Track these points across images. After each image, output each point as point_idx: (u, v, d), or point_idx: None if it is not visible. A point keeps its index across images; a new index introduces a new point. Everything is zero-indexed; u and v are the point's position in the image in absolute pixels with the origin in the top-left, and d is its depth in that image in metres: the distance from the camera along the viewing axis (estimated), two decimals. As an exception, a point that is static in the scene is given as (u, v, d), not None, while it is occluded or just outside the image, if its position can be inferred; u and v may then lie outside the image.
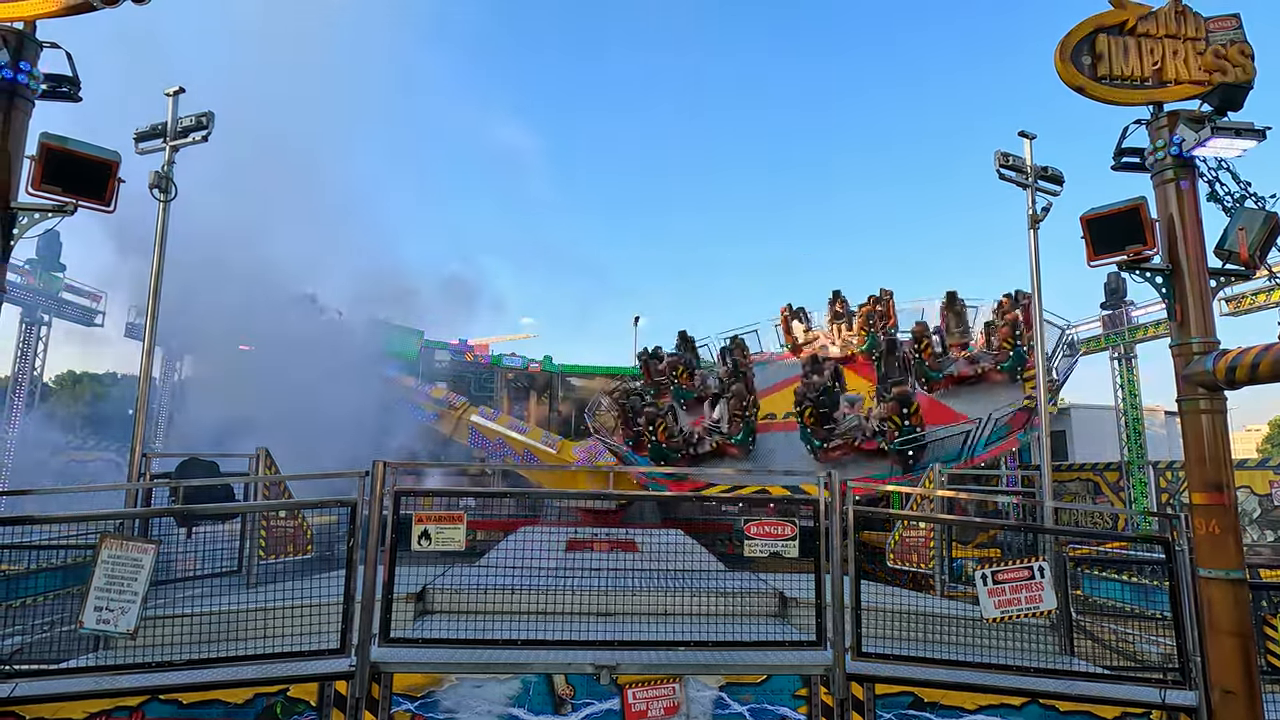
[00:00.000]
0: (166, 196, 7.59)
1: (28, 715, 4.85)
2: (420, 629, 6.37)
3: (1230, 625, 5.24)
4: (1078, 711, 5.38)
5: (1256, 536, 16.13)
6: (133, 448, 7.60)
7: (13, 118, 5.27)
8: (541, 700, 5.40)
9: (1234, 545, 5.35)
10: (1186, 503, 5.77)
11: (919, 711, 5.40)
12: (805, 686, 5.51)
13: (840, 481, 5.90)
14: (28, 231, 5.38)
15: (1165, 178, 5.81)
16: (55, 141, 5.40)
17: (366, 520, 5.51)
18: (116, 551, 5.09)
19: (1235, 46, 5.80)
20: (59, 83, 5.61)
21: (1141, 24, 5.94)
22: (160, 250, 7.67)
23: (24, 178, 5.35)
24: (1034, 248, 8.48)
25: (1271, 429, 50.16)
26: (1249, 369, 5.08)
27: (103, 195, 5.60)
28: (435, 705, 5.32)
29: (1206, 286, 5.68)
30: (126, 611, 5.03)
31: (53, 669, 5.41)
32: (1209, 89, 5.74)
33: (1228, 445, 5.51)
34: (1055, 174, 8.34)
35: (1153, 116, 5.92)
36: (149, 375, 7.98)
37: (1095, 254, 5.90)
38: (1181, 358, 5.63)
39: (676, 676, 5.50)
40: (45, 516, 5.80)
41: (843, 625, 5.54)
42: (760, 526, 6.10)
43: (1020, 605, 5.53)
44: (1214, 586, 5.32)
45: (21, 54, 5.26)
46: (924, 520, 8.69)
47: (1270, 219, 5.47)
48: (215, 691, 5.09)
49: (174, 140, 7.59)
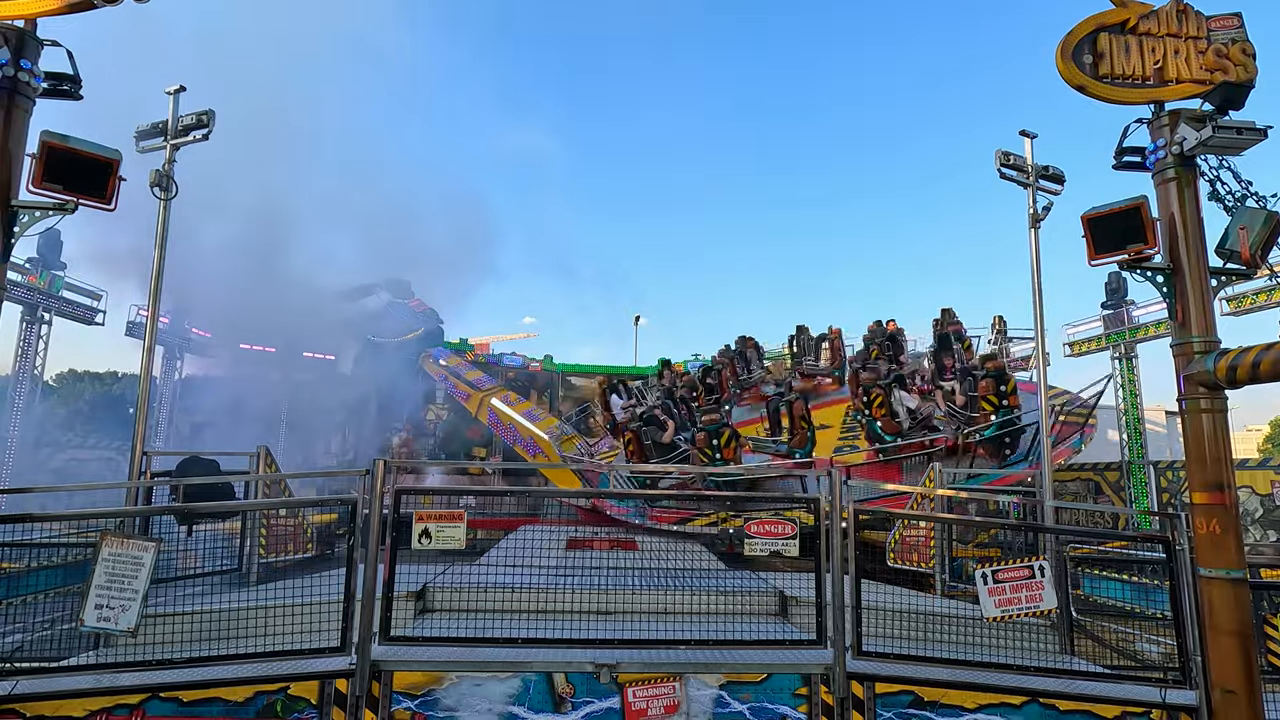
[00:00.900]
0: (167, 195, 7.58)
1: (28, 713, 4.86)
2: (420, 627, 6.37)
3: (1231, 625, 5.24)
4: (1078, 711, 5.38)
5: (1259, 536, 16.11)
6: (133, 445, 7.60)
7: (13, 116, 5.26)
8: (542, 698, 5.40)
9: (1235, 545, 5.34)
10: (1187, 502, 5.77)
11: (919, 710, 5.41)
12: (805, 685, 5.52)
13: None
14: (28, 230, 5.38)
15: (1166, 177, 5.80)
16: (56, 139, 5.40)
17: (367, 518, 5.51)
18: (117, 549, 5.09)
19: (1237, 45, 5.79)
20: (60, 81, 5.60)
21: (1143, 23, 5.93)
22: (161, 249, 7.66)
23: (25, 175, 5.36)
24: (1035, 247, 8.47)
25: (1272, 429, 50.16)
26: (1250, 368, 5.08)
27: (104, 193, 5.60)
28: (435, 703, 5.33)
29: (1207, 286, 5.67)
30: (127, 609, 5.03)
31: (53, 667, 5.42)
32: (1210, 88, 5.73)
33: (1229, 445, 5.50)
34: (1056, 173, 8.33)
35: (1154, 115, 5.91)
36: (149, 373, 7.98)
37: (1096, 253, 5.90)
38: (1182, 357, 5.63)
39: (677, 675, 5.50)
40: (46, 514, 5.81)
41: (843, 624, 5.54)
42: (761, 526, 6.11)
43: (1021, 604, 5.52)
44: (1214, 586, 5.31)
45: (22, 52, 5.26)
46: (924, 519, 8.70)
47: (1271, 218, 5.46)
48: (215, 689, 5.09)
49: (175, 139, 7.59)
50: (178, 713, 5.02)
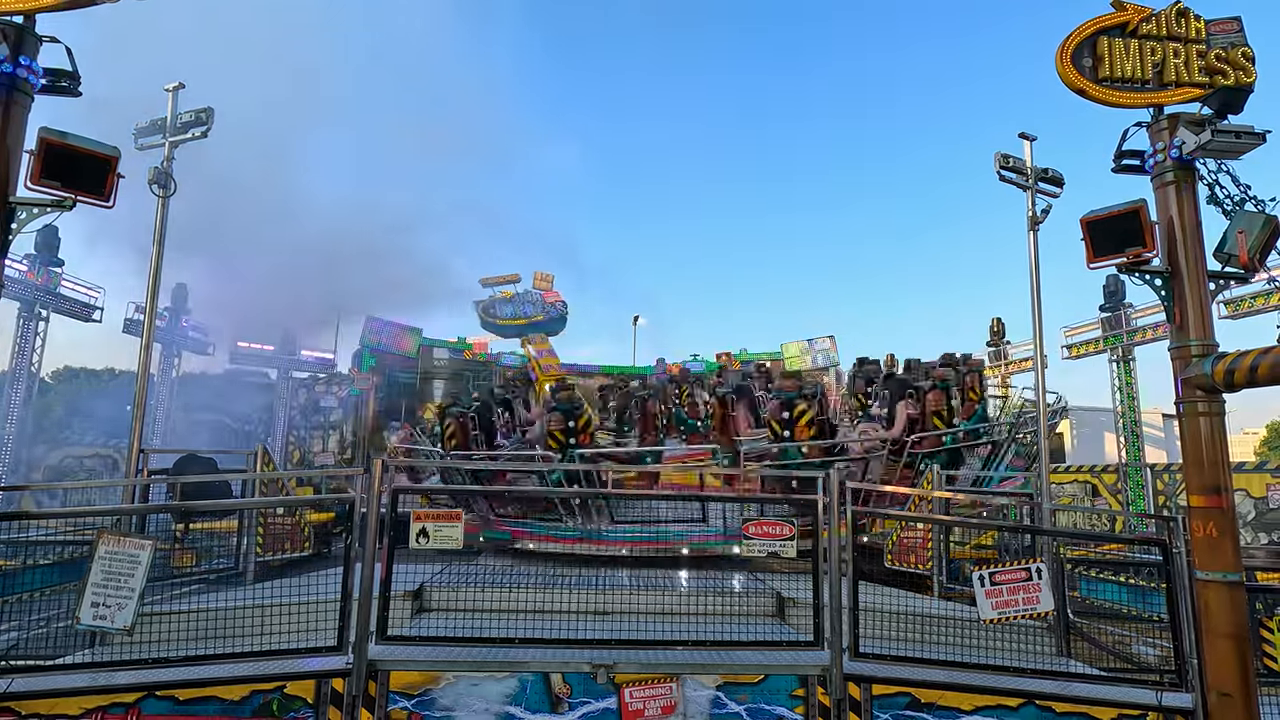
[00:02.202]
0: (166, 192, 7.57)
1: (23, 711, 4.84)
2: (418, 627, 6.36)
3: (1227, 628, 5.25)
4: (1074, 713, 5.38)
5: (1251, 539, 16.18)
6: (131, 444, 7.58)
7: (11, 112, 5.24)
8: (538, 699, 5.40)
9: (1232, 548, 5.35)
10: (1183, 505, 5.78)
11: (916, 712, 5.41)
12: (802, 686, 5.51)
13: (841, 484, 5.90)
14: (25, 226, 5.37)
15: (1165, 180, 5.81)
16: (54, 136, 5.37)
17: (364, 517, 5.50)
18: (114, 547, 5.08)
19: (1236, 49, 5.80)
20: (59, 77, 5.58)
21: (1143, 26, 5.94)
22: (159, 247, 7.65)
23: (23, 172, 5.34)
24: (1033, 250, 8.48)
25: (1269, 432, 50.22)
26: (1248, 372, 5.08)
27: (102, 190, 5.57)
28: (432, 703, 5.32)
29: (1206, 289, 5.68)
30: (123, 608, 5.02)
31: (49, 665, 5.41)
32: (1210, 92, 5.75)
33: (1226, 448, 5.51)
34: (1055, 176, 8.35)
35: (1153, 119, 5.92)
36: (147, 371, 7.96)
37: (1095, 256, 5.91)
38: (1180, 360, 5.63)
39: (673, 676, 5.50)
40: (42, 512, 5.79)
41: (840, 625, 5.54)
42: (759, 527, 6.11)
43: (1018, 606, 5.53)
44: (1211, 589, 5.32)
45: (21, 48, 5.24)
46: (922, 521, 8.70)
47: (1270, 222, 5.47)
48: (211, 688, 5.07)
49: (174, 136, 7.58)
50: (173, 711, 5.00)
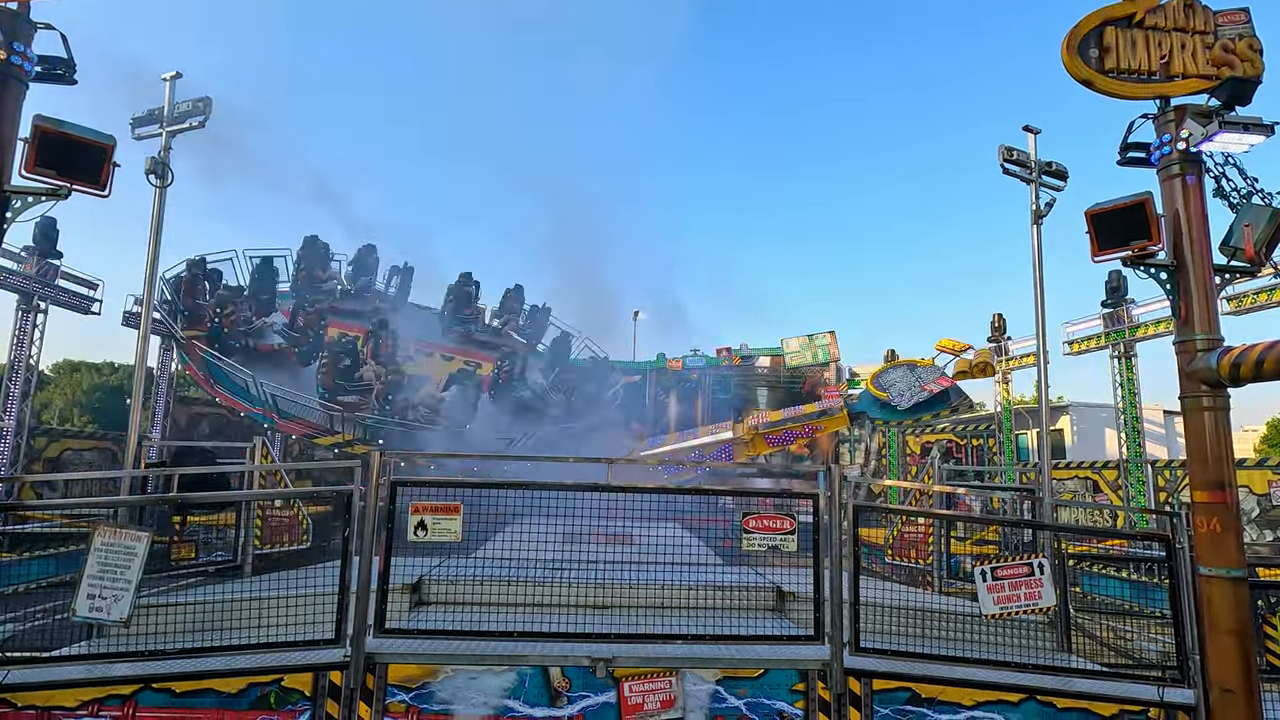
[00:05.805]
0: (163, 182, 7.51)
1: (20, 703, 4.83)
2: (416, 620, 6.34)
3: (1230, 624, 5.22)
4: (1075, 709, 5.36)
5: (1255, 535, 16.16)
6: (129, 436, 7.55)
7: (5, 100, 5.20)
8: (537, 692, 5.37)
9: (1235, 544, 5.32)
10: (1185, 501, 5.74)
11: (916, 707, 5.38)
12: (802, 681, 5.49)
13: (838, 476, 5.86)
14: (21, 215, 5.32)
15: (1171, 173, 5.75)
16: (49, 123, 5.32)
17: (363, 510, 5.47)
18: (110, 539, 5.05)
19: (1244, 41, 5.73)
20: (53, 65, 5.53)
21: (1150, 17, 5.87)
22: (156, 237, 7.60)
23: (18, 160, 5.29)
24: (1037, 243, 8.44)
25: (1269, 429, 50.19)
26: (1254, 366, 5.04)
27: (98, 179, 5.53)
28: (430, 696, 5.29)
29: (1211, 283, 5.63)
30: (120, 599, 5.00)
31: (45, 657, 5.38)
32: (1217, 83, 5.68)
33: (1230, 443, 5.47)
34: (1060, 169, 8.30)
35: (1160, 111, 5.87)
36: (145, 363, 7.92)
37: (1100, 249, 5.86)
38: (1185, 354, 5.59)
39: (673, 670, 5.47)
40: (39, 504, 5.76)
41: (840, 620, 5.51)
42: (759, 520, 6.07)
43: (1019, 602, 5.50)
44: (1214, 585, 5.29)
45: (15, 35, 5.19)
46: (923, 516, 8.68)
47: (1277, 215, 5.41)
48: (208, 681, 5.05)
49: (170, 126, 7.51)
50: (170, 704, 4.98)
